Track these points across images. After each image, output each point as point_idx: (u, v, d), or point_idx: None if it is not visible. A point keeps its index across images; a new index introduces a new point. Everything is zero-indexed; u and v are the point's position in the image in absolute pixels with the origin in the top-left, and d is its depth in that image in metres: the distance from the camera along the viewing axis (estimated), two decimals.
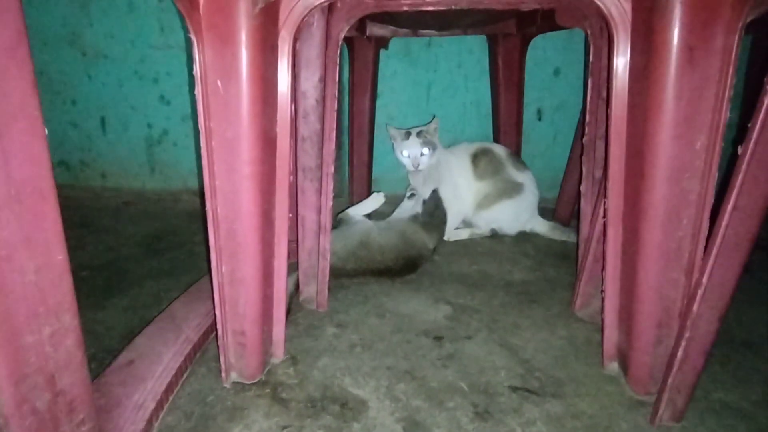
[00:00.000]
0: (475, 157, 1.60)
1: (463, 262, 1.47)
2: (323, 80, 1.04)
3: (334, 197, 1.92)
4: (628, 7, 0.73)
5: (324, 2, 0.79)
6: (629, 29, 0.72)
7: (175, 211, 1.92)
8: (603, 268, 0.88)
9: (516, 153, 1.75)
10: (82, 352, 0.55)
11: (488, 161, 1.59)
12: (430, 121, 1.56)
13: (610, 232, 0.84)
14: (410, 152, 1.53)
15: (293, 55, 0.84)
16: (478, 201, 1.60)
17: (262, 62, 0.73)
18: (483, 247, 1.57)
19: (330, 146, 1.04)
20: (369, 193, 1.85)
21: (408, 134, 1.54)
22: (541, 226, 1.64)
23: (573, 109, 1.79)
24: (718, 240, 0.67)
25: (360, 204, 1.52)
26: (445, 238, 1.58)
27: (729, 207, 0.66)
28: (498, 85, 1.68)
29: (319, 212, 1.13)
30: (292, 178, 0.87)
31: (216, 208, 0.78)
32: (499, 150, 1.62)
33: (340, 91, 1.81)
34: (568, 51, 1.76)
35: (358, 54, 1.62)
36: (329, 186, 1.08)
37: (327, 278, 1.15)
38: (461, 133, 1.86)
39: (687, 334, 0.73)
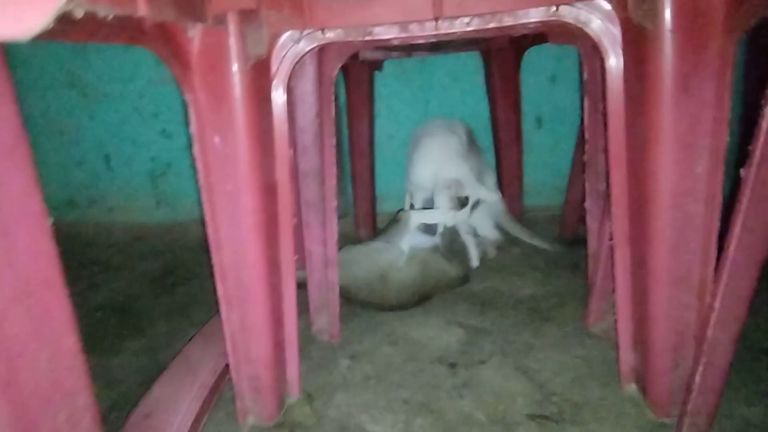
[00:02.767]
0: None
1: (472, 279, 1.47)
2: (320, 116, 1.05)
3: (339, 218, 1.92)
4: (617, 33, 0.72)
5: (314, 48, 0.80)
6: (621, 55, 0.72)
7: (184, 243, 1.94)
8: (614, 290, 0.87)
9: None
10: (99, 429, 0.55)
11: None
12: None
13: (618, 254, 0.83)
14: None
15: (288, 96, 0.84)
16: None
17: (257, 114, 0.74)
18: (491, 262, 1.56)
19: (331, 182, 1.05)
20: (374, 212, 1.86)
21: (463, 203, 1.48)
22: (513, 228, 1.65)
23: (572, 114, 1.78)
24: (728, 263, 0.67)
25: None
26: None
27: (736, 230, 0.65)
28: (495, 97, 1.68)
29: (325, 245, 1.13)
30: (295, 219, 0.87)
31: (222, 259, 0.78)
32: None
33: (337, 114, 1.82)
34: (563, 58, 1.75)
35: (353, 77, 1.63)
36: (333, 220, 1.08)
37: (338, 310, 1.16)
38: None
39: (704, 359, 0.72)
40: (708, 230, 0.70)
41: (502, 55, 1.59)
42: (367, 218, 1.83)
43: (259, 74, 0.74)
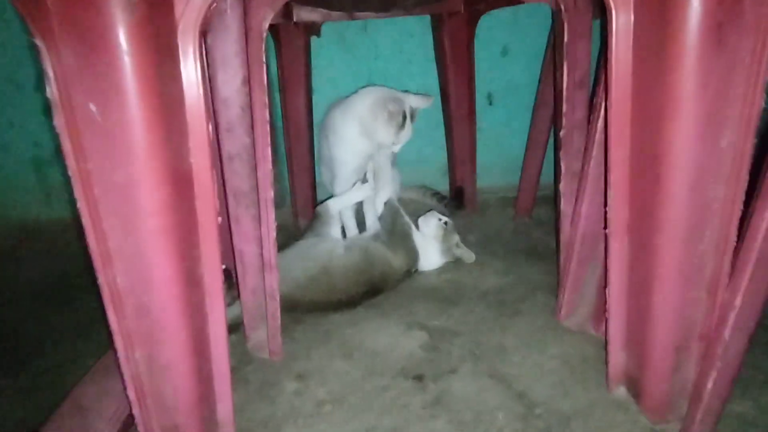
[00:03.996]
0: None
1: (429, 271, 1.33)
2: (247, 83, 0.83)
3: (276, 207, 1.69)
4: None
5: None
6: (632, 12, 0.58)
7: (83, 243, 1.60)
8: (605, 285, 0.76)
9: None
10: None
11: None
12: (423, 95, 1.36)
13: (614, 245, 0.72)
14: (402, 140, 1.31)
15: (203, 53, 0.63)
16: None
17: (155, 71, 0.51)
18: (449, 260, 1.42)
19: (265, 166, 0.84)
20: (314, 200, 1.65)
21: (404, 118, 1.27)
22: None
23: (524, 90, 1.68)
24: (754, 254, 0.57)
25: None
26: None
27: (766, 215, 0.55)
28: (446, 69, 1.53)
29: (260, 244, 0.92)
30: (220, 219, 0.66)
31: (113, 279, 0.56)
32: None
33: (269, 86, 1.57)
34: (516, 28, 1.64)
35: (286, 44, 1.40)
36: (270, 214, 0.87)
37: (278, 321, 0.96)
38: None
39: (718, 363, 0.62)
40: (728, 216, 0.59)
41: (455, 20, 1.43)
42: (307, 207, 1.62)
43: (156, 12, 0.51)
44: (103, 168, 0.51)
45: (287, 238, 1.35)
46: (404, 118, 1.26)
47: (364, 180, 1.36)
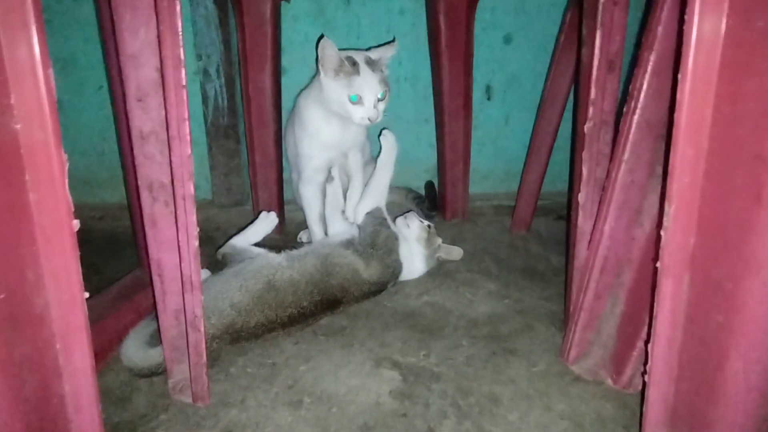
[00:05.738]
0: None
1: (408, 290, 1.11)
2: (161, 34, 0.60)
3: (236, 205, 1.46)
4: None
5: None
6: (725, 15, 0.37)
7: None
8: (648, 341, 0.54)
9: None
10: None
11: None
12: (383, 45, 1.09)
13: (666, 284, 0.50)
14: (367, 96, 1.00)
15: None
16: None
17: None
18: (431, 268, 1.20)
19: (182, 148, 0.61)
20: (280, 198, 1.42)
21: (354, 63, 1.01)
22: None
23: (527, 84, 1.48)
24: None
25: (247, 229, 1.13)
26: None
27: None
28: (440, 55, 1.31)
29: (180, 253, 0.69)
30: (77, 222, 0.42)
31: None
32: None
33: (229, 63, 1.34)
34: (521, 13, 1.43)
35: (249, 10, 1.16)
36: (189, 215, 0.64)
37: (203, 358, 0.73)
38: (394, 117, 1.47)
39: None
40: None
41: None
42: (271, 205, 1.38)
43: None
44: None
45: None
46: (351, 62, 1.01)
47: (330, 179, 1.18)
